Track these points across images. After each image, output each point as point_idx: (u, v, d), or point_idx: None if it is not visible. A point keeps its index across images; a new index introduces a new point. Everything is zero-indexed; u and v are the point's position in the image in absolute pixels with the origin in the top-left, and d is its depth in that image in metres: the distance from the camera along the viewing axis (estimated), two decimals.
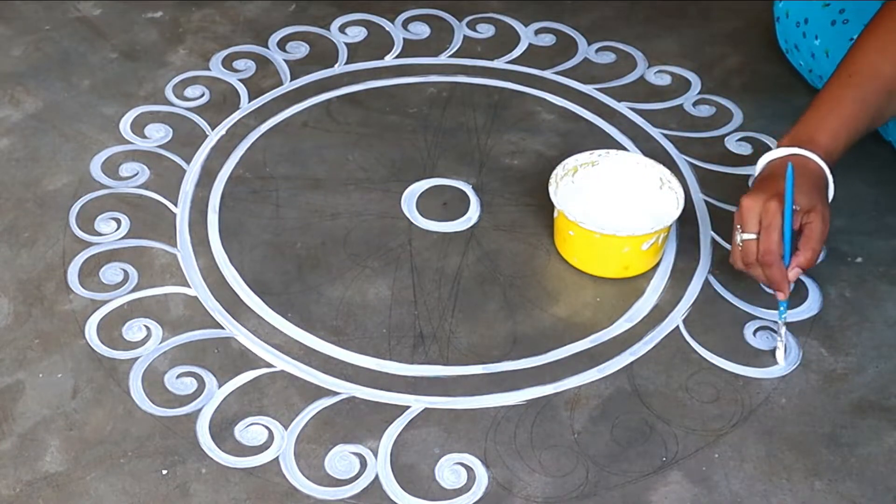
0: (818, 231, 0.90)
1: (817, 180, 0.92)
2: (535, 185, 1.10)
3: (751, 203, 0.90)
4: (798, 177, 0.90)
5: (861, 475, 0.84)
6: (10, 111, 1.20)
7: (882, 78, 0.95)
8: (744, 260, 0.92)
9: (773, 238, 0.89)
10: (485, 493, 0.83)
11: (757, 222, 0.90)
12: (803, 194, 0.90)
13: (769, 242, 0.89)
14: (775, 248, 0.89)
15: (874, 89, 0.95)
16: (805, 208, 0.90)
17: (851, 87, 0.95)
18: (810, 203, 0.90)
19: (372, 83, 1.25)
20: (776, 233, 0.89)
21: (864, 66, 0.96)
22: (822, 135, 0.93)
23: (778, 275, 0.90)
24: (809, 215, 0.91)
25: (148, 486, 0.83)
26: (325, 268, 1.02)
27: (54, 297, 0.98)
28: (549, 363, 0.93)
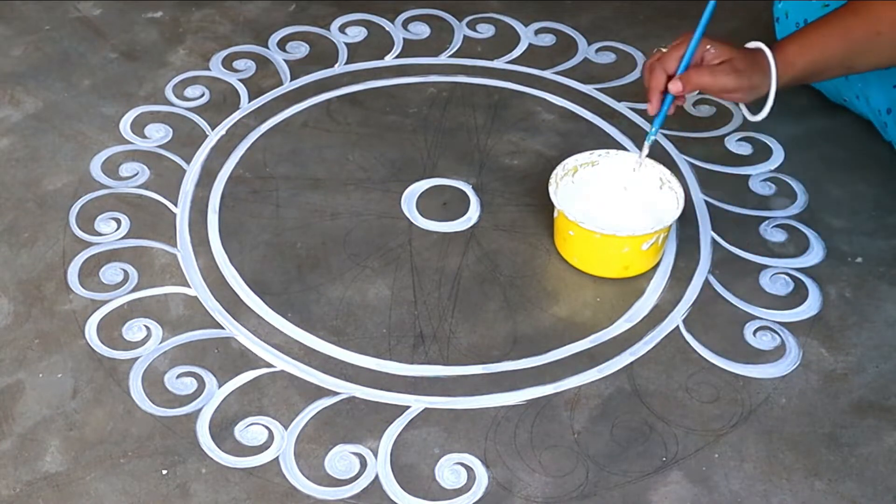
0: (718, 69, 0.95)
1: (756, 61, 0.97)
2: (535, 185, 1.10)
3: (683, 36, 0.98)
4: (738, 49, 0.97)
5: (861, 475, 0.84)
6: (10, 111, 1.20)
7: (875, 16, 0.96)
8: (646, 66, 1.00)
9: (672, 52, 0.97)
10: (485, 493, 0.83)
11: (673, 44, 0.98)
12: (726, 47, 0.96)
13: (666, 54, 0.97)
14: (667, 61, 0.97)
15: (863, 24, 0.96)
16: (720, 56, 0.96)
17: (840, 15, 0.98)
18: (728, 54, 0.96)
19: (372, 83, 1.25)
20: (679, 50, 0.96)
21: (860, 3, 0.97)
22: (789, 44, 0.98)
23: (654, 81, 0.97)
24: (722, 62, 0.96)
25: (148, 486, 0.83)
26: (325, 268, 1.02)
27: (54, 297, 0.98)
28: (549, 363, 0.93)
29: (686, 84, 0.96)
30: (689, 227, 1.06)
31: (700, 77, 0.96)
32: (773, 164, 1.14)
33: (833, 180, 1.12)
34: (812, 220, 1.07)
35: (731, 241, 1.05)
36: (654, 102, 0.98)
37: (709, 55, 0.97)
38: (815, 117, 1.19)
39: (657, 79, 0.97)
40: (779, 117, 1.18)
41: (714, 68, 0.96)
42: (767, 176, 1.12)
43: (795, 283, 1.00)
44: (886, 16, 0.96)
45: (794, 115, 1.19)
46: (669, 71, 0.97)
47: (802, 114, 1.19)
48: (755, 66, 0.97)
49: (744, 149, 1.16)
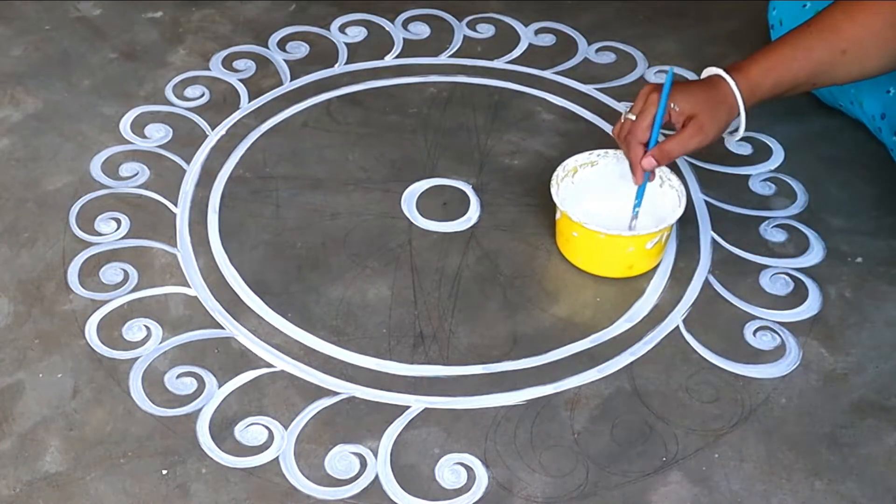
0: (685, 134, 0.95)
1: (718, 98, 0.96)
2: (535, 185, 1.10)
3: (644, 90, 0.98)
4: (698, 89, 0.97)
5: (861, 475, 0.84)
6: (10, 111, 1.20)
7: (839, 35, 0.96)
8: (617, 133, 1.00)
9: (640, 123, 0.96)
10: (485, 493, 0.83)
11: (639, 107, 0.97)
12: (690, 101, 0.96)
13: (636, 126, 0.97)
14: (638, 133, 0.97)
15: (827, 43, 0.96)
16: (685, 112, 0.95)
17: (804, 34, 0.97)
18: (692, 110, 0.95)
19: (372, 83, 1.25)
20: (646, 120, 0.96)
21: (824, 20, 0.97)
22: (752, 66, 0.97)
23: (633, 156, 0.98)
24: (689, 120, 0.96)
25: (148, 486, 0.83)
26: (325, 268, 1.02)
27: (54, 297, 0.98)
28: (549, 363, 0.93)
29: (660, 160, 0.97)
30: (689, 227, 1.06)
31: (671, 150, 0.96)
32: (773, 164, 1.14)
33: (833, 180, 1.12)
34: (812, 220, 1.07)
35: (731, 241, 1.05)
36: (640, 175, 0.98)
37: (674, 114, 0.96)
38: (814, 117, 1.19)
39: (636, 153, 0.98)
40: (779, 117, 1.19)
41: (682, 136, 0.96)
42: (767, 176, 1.12)
43: (795, 283, 1.00)
44: (849, 34, 0.95)
45: (794, 115, 1.19)
46: (643, 141, 0.97)
47: (802, 114, 1.19)
48: (720, 106, 0.96)
49: (744, 149, 1.16)
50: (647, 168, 0.97)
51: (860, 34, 0.95)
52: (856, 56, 0.96)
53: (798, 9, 1.18)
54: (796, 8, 1.18)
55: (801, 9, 1.17)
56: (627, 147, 0.99)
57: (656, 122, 0.96)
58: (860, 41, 0.96)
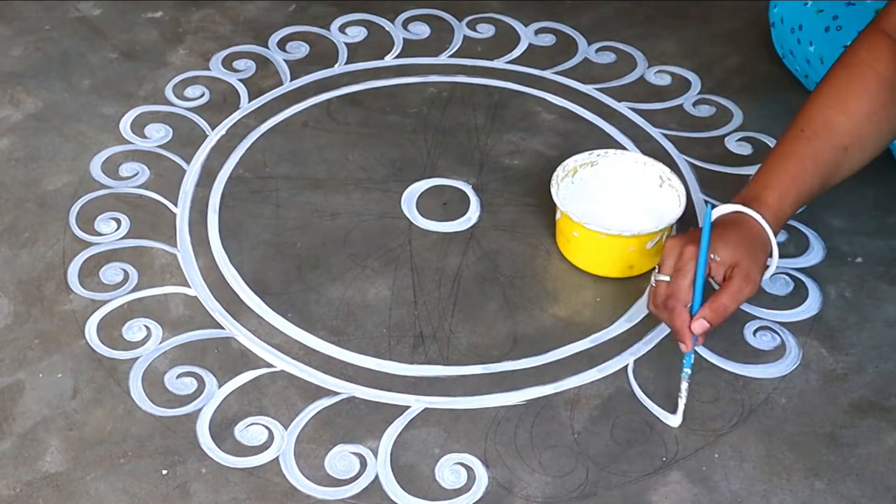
0: (734, 287, 0.85)
1: (753, 238, 0.87)
2: (535, 185, 1.10)
3: (671, 245, 0.87)
4: (732, 231, 0.87)
5: (861, 475, 0.84)
6: (10, 111, 1.20)
7: (837, 132, 0.90)
8: (653, 301, 0.88)
9: (681, 283, 0.85)
10: (485, 493, 0.83)
11: (672, 265, 0.87)
12: (729, 247, 0.86)
13: (676, 286, 0.86)
14: (681, 294, 0.85)
15: (828, 144, 0.91)
16: (727, 262, 0.86)
17: (803, 141, 0.91)
18: (733, 258, 0.85)
19: (372, 83, 1.25)
20: (686, 278, 0.85)
21: (817, 120, 0.91)
22: (770, 193, 0.89)
23: (678, 322, 0.85)
24: (732, 270, 0.85)
25: (148, 486, 0.83)
26: (325, 268, 1.02)
27: (54, 297, 0.98)
28: (549, 363, 0.93)
29: (713, 321, 0.85)
30: (689, 227, 1.06)
31: (727, 307, 0.85)
32: None
33: None
34: (812, 220, 1.07)
35: None
36: (689, 342, 0.86)
37: (715, 266, 0.86)
38: None
39: (682, 316, 0.85)
40: (779, 117, 1.18)
41: (732, 289, 0.85)
42: None
43: (795, 283, 1.00)
44: (846, 128, 0.91)
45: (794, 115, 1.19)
46: (687, 303, 0.86)
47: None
48: (757, 247, 0.88)
49: (744, 149, 1.16)
50: (699, 332, 0.85)
51: (857, 125, 0.91)
52: (857, 149, 0.92)
53: (799, 7, 1.18)
54: (797, 5, 1.18)
55: (803, 6, 1.17)
56: (671, 313, 0.86)
57: (698, 278, 0.85)
58: (858, 133, 0.91)
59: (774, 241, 0.88)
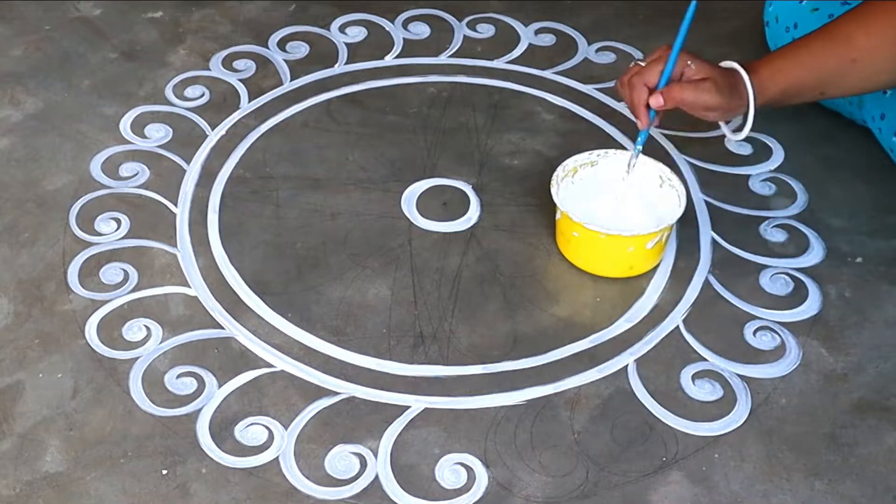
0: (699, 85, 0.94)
1: (733, 84, 0.96)
2: (535, 185, 1.10)
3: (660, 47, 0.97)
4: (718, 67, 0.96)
5: (861, 475, 0.84)
6: (10, 111, 1.20)
7: (851, 44, 0.95)
8: (621, 80, 0.98)
9: (651, 66, 0.95)
10: (485, 493, 0.83)
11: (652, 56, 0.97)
12: (707, 66, 0.95)
13: (645, 68, 0.95)
14: (647, 74, 0.95)
15: (838, 51, 0.95)
16: (700, 73, 0.95)
17: (815, 41, 0.97)
18: (708, 73, 0.95)
19: (372, 83, 1.25)
20: (656, 65, 0.95)
21: (837, 29, 0.96)
22: (764, 67, 0.97)
23: (636, 97, 0.95)
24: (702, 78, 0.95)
25: (148, 486, 0.83)
26: (325, 268, 1.02)
27: (54, 297, 0.98)
28: (549, 363, 0.93)
29: (668, 99, 0.95)
30: (689, 227, 1.06)
31: (683, 92, 0.95)
32: (773, 164, 1.14)
33: (833, 180, 1.12)
34: (812, 220, 1.07)
35: (731, 241, 1.05)
36: (643, 116, 0.96)
37: (689, 71, 0.96)
38: (815, 117, 1.19)
39: (640, 93, 0.95)
40: (779, 117, 1.18)
41: (697, 84, 0.95)
42: (767, 176, 1.12)
43: (795, 283, 1.00)
44: (862, 43, 0.95)
45: (794, 115, 1.19)
46: (650, 84, 0.95)
47: (802, 114, 1.19)
48: (733, 87, 0.96)
49: (744, 149, 1.16)
50: (655, 106, 0.94)
51: (872, 44, 0.95)
52: (866, 66, 0.96)
53: (794, 5, 1.18)
54: (792, 5, 1.18)
55: (798, 5, 1.17)
56: (631, 89, 0.96)
57: (668, 65, 0.94)
58: (872, 51, 0.95)
59: (752, 101, 0.96)
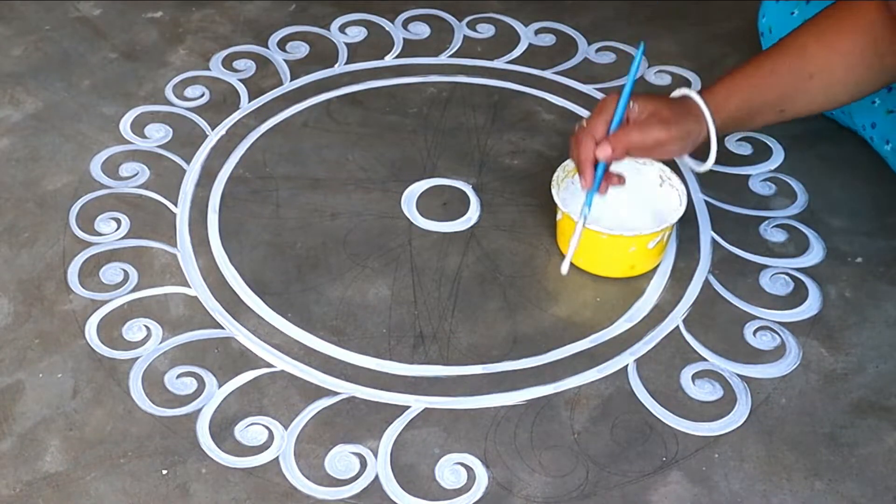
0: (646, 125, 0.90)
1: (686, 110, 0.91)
2: (535, 185, 1.10)
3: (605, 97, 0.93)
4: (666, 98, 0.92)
5: (861, 475, 0.84)
6: (10, 111, 1.20)
7: (807, 58, 0.92)
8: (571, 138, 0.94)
9: (596, 119, 0.91)
10: (485, 493, 0.83)
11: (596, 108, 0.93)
12: (653, 101, 0.91)
13: (591, 122, 0.91)
14: (593, 127, 0.91)
15: (794, 65, 0.92)
16: (647, 111, 0.91)
17: (771, 57, 0.94)
18: (655, 107, 0.91)
19: (372, 83, 1.25)
20: (602, 115, 0.91)
21: (791, 42, 0.93)
22: (719, 87, 0.93)
23: (583, 153, 0.91)
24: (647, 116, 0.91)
25: (148, 486, 0.83)
26: (325, 268, 1.02)
27: (54, 297, 0.98)
28: (549, 363, 0.93)
29: (615, 146, 0.89)
30: (689, 227, 1.06)
31: (628, 135, 0.90)
32: (773, 164, 1.14)
33: (833, 180, 1.12)
34: (812, 220, 1.07)
35: (731, 241, 1.05)
36: (588, 175, 0.91)
37: (633, 113, 0.91)
38: (814, 117, 1.19)
39: (586, 148, 0.90)
40: None
41: (642, 123, 0.90)
42: (767, 176, 1.12)
43: (795, 283, 1.01)
44: (817, 57, 0.92)
45: None
46: (598, 137, 0.90)
47: None
48: (684, 113, 0.91)
49: (744, 149, 1.16)
50: (603, 157, 0.89)
51: (829, 59, 0.92)
52: (823, 82, 0.92)
53: (787, 16, 1.17)
54: (785, 15, 1.18)
55: (790, 16, 1.17)
56: (577, 144, 0.91)
57: (616, 114, 0.90)
58: (828, 66, 0.92)
59: (712, 123, 0.91)
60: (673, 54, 1.29)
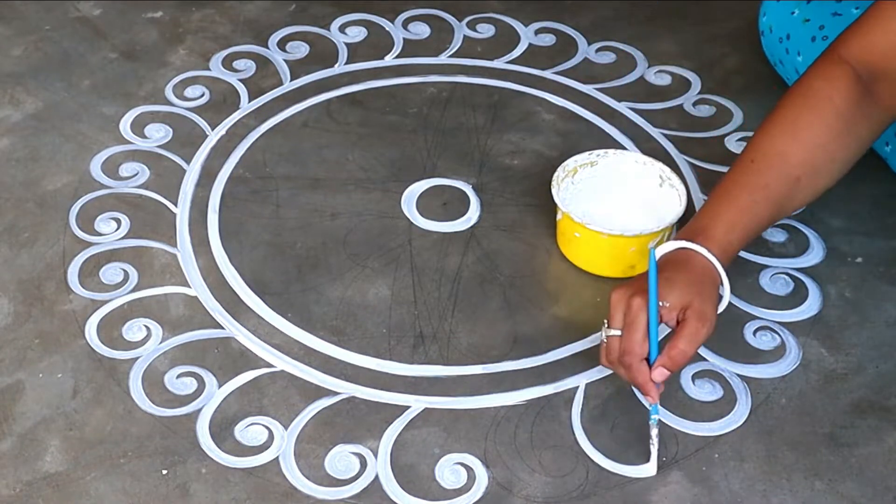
0: (690, 330, 0.81)
1: (701, 275, 0.84)
2: (535, 185, 1.10)
3: (617, 297, 0.84)
4: (678, 272, 0.84)
5: (861, 475, 0.84)
6: (10, 111, 1.20)
7: (788, 163, 0.87)
8: (607, 357, 0.85)
9: (633, 337, 0.82)
10: (485, 493, 0.83)
11: (622, 319, 0.83)
12: (677, 290, 0.82)
13: (629, 342, 0.82)
14: (636, 349, 0.82)
15: (778, 175, 0.88)
16: (678, 306, 0.82)
17: (753, 173, 0.88)
18: (683, 300, 0.82)
19: (372, 83, 1.25)
20: (639, 332, 0.82)
21: (769, 151, 0.88)
22: (717, 227, 0.86)
23: (640, 377, 0.82)
24: (685, 313, 0.82)
25: (148, 486, 0.83)
26: (325, 268, 1.02)
27: (54, 297, 0.98)
28: (549, 363, 0.93)
29: (672, 368, 0.82)
30: None
31: (686, 351, 0.82)
32: None
33: None
34: (812, 220, 1.07)
35: None
36: (654, 392, 0.83)
37: (666, 312, 0.83)
38: None
39: (643, 371, 0.82)
40: None
41: (688, 333, 0.82)
42: None
43: (795, 283, 1.00)
44: (799, 158, 0.88)
45: None
46: (644, 355, 0.82)
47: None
48: (707, 284, 0.84)
49: None
50: (660, 380, 0.82)
51: (810, 156, 0.88)
52: (809, 180, 0.89)
53: (787, 15, 1.18)
54: (785, 14, 1.18)
55: (790, 15, 1.17)
56: (629, 370, 0.83)
57: (651, 328, 0.82)
58: (812, 163, 0.88)
59: (724, 274, 0.85)
60: (673, 54, 1.29)
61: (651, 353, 0.82)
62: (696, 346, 0.82)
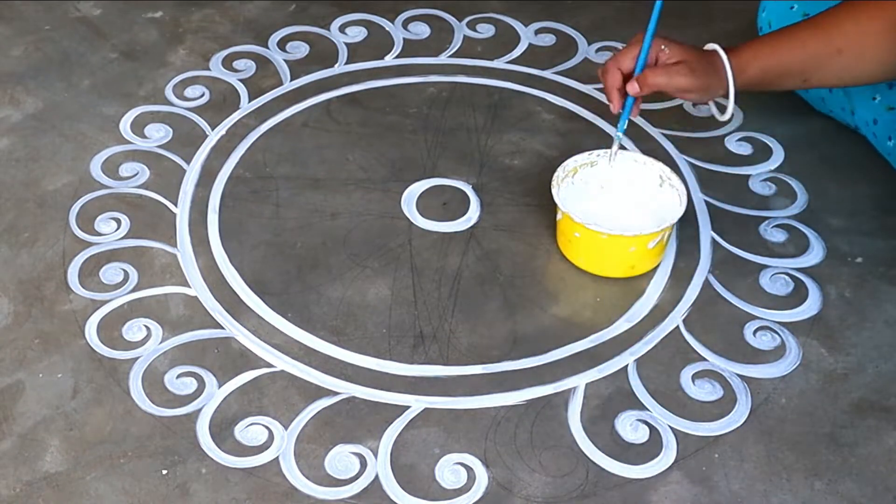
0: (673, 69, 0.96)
1: (711, 64, 0.98)
2: (535, 185, 1.10)
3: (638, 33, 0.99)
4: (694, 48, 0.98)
5: (861, 475, 0.84)
6: (10, 111, 1.20)
7: (837, 31, 0.96)
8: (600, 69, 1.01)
9: (624, 51, 0.98)
10: (485, 493, 0.83)
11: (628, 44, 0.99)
12: (682, 49, 0.97)
13: (620, 54, 0.98)
14: (621, 59, 0.98)
15: (824, 38, 0.96)
16: (675, 57, 0.97)
17: (802, 27, 0.98)
18: (682, 55, 0.97)
19: (372, 83, 1.25)
20: (630, 51, 0.98)
21: (826, 17, 0.97)
22: (746, 49, 0.99)
23: (610, 80, 0.98)
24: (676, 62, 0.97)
25: (148, 486, 0.83)
26: (325, 268, 1.02)
27: (54, 297, 0.98)
28: (549, 363, 0.93)
29: (642, 85, 0.97)
30: (689, 227, 1.06)
31: (655, 77, 0.97)
32: (773, 164, 1.14)
33: (833, 180, 1.12)
34: (812, 220, 1.07)
35: (731, 241, 1.05)
36: (616, 100, 0.99)
37: (663, 55, 0.98)
38: (814, 117, 1.19)
39: (614, 77, 0.98)
40: (779, 117, 1.19)
41: (669, 68, 0.97)
42: (767, 176, 1.12)
43: (795, 283, 1.00)
44: (848, 33, 0.95)
45: (793, 115, 1.19)
46: (625, 70, 0.98)
47: (802, 114, 1.19)
48: (710, 68, 0.98)
49: (744, 149, 1.16)
50: (631, 93, 0.98)
51: (860, 34, 0.95)
52: (851, 57, 0.96)
53: (786, 11, 1.18)
54: (784, 10, 1.18)
55: (789, 10, 1.17)
56: (605, 74, 0.99)
57: (642, 52, 0.96)
58: (859, 42, 0.95)
59: (731, 81, 0.98)
60: None
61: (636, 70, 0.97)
62: (669, 85, 0.96)
